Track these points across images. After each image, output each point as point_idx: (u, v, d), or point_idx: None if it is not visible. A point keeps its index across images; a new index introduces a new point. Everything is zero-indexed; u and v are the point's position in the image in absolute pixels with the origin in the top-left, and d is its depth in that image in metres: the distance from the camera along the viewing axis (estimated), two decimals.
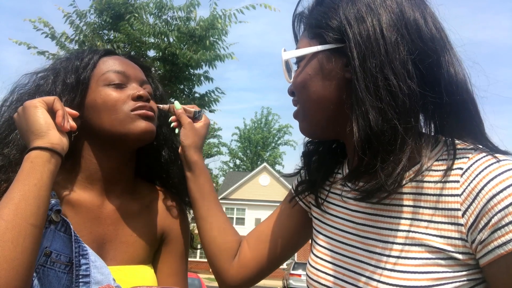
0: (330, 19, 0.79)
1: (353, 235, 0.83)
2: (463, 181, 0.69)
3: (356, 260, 0.80)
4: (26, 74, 1.08)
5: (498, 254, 0.64)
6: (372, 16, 0.74)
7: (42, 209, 0.79)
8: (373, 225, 0.80)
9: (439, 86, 0.73)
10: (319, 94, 0.82)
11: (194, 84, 7.88)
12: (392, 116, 0.70)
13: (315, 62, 0.82)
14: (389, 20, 0.74)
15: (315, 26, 0.82)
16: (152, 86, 1.14)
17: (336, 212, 0.90)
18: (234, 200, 33.11)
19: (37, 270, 0.83)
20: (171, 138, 1.18)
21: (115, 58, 1.07)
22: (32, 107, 0.88)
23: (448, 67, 0.74)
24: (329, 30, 0.79)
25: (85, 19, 7.53)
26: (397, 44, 0.72)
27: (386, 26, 0.73)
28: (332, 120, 0.83)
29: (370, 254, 0.78)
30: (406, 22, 0.73)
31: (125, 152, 1.04)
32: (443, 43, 0.76)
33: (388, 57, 0.72)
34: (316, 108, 0.83)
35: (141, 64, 1.15)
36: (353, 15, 0.76)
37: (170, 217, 1.13)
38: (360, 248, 0.81)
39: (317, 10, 0.84)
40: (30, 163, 0.82)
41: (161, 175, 1.19)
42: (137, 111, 0.99)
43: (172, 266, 1.09)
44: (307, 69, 0.83)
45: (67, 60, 1.06)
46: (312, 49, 0.82)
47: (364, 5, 0.76)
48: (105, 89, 1.00)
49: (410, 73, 0.71)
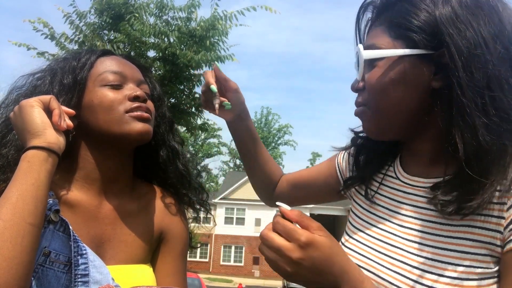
0: (421, 20, 0.74)
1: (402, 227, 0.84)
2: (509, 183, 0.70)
3: (397, 248, 0.82)
4: (22, 75, 1.08)
5: None
6: (475, 23, 0.70)
7: (40, 208, 0.80)
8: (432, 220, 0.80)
9: None
10: (399, 100, 0.78)
11: (194, 84, 7.88)
12: (503, 134, 0.69)
13: (400, 66, 0.76)
14: (493, 29, 0.70)
15: (402, 26, 0.76)
16: (149, 86, 1.14)
17: (386, 204, 0.90)
18: (234, 200, 33.09)
19: (36, 270, 0.84)
20: (169, 138, 1.18)
21: (112, 59, 1.07)
22: (28, 106, 0.87)
23: None
24: (420, 33, 0.74)
25: (85, 19, 7.53)
26: (502, 58, 0.70)
27: (490, 36, 0.70)
28: (406, 126, 0.82)
29: (421, 246, 0.79)
30: (508, 35, 0.71)
31: (122, 152, 1.04)
32: None
33: (495, 71, 0.69)
34: (392, 113, 0.80)
35: (138, 64, 1.15)
36: (453, 19, 0.71)
37: (168, 216, 1.12)
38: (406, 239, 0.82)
39: (403, 7, 0.77)
40: (27, 163, 0.82)
41: (158, 175, 1.19)
42: (133, 113, 0.99)
43: (171, 265, 1.09)
44: (390, 72, 0.77)
45: (64, 61, 1.06)
46: (399, 52, 0.76)
47: (463, 9, 0.71)
48: (101, 89, 1.00)
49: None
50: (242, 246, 34.10)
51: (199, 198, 1.23)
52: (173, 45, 7.47)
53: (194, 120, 8.22)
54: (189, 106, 7.90)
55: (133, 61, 1.13)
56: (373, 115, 0.83)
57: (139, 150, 1.10)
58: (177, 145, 1.20)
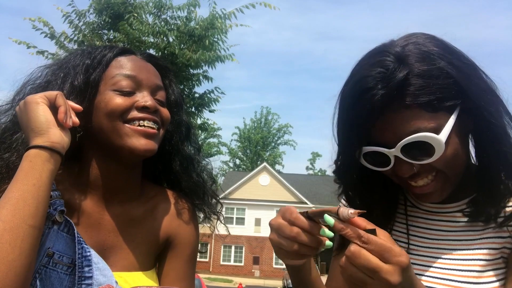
0: (449, 88, 0.78)
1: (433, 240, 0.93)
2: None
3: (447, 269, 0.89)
4: (39, 67, 1.04)
5: None
6: (477, 74, 0.83)
7: (41, 209, 0.77)
8: (453, 238, 0.91)
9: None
10: (466, 157, 0.87)
11: (194, 84, 7.87)
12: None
13: (456, 131, 0.81)
14: (485, 78, 0.85)
15: (438, 100, 0.78)
16: (169, 90, 1.09)
17: (425, 235, 0.96)
18: (234, 200, 33.09)
19: (39, 271, 0.82)
20: (183, 147, 1.13)
21: (129, 60, 1.01)
22: (34, 103, 0.85)
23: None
24: (452, 99, 0.79)
25: (84, 18, 7.52)
26: (494, 92, 0.85)
27: (487, 82, 0.84)
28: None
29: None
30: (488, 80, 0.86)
31: (128, 163, 0.99)
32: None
33: (502, 104, 0.85)
34: (460, 172, 0.87)
35: (160, 65, 1.09)
36: (469, 76, 0.80)
37: (177, 220, 1.08)
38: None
39: (417, 83, 0.78)
40: (29, 162, 0.79)
41: (170, 179, 1.15)
42: (136, 126, 0.94)
43: (178, 271, 1.05)
44: (453, 141, 0.81)
45: (78, 57, 1.00)
46: (451, 122, 0.80)
47: (467, 67, 0.82)
48: (111, 93, 0.95)
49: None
50: (242, 246, 34.10)
51: (211, 209, 1.17)
52: (172, 44, 7.46)
53: (194, 120, 8.21)
54: (189, 106, 7.89)
55: (154, 61, 1.07)
56: (449, 183, 0.86)
57: (150, 158, 1.02)
58: (193, 153, 1.15)
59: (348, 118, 0.84)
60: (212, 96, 7.89)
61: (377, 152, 0.83)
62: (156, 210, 1.07)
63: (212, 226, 1.22)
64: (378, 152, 0.83)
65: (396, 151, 0.80)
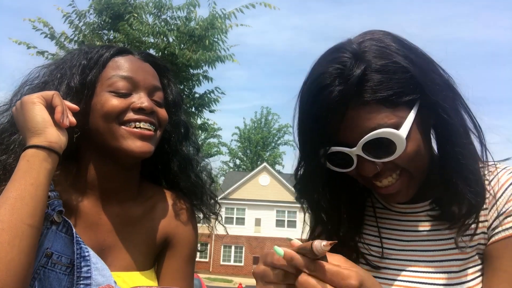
0: (402, 82, 0.77)
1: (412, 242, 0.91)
2: (490, 188, 0.84)
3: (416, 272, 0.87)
4: (37, 66, 1.04)
5: (502, 236, 0.79)
6: (433, 70, 0.83)
7: (39, 209, 0.78)
8: (425, 239, 0.89)
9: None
10: (429, 152, 0.85)
11: (194, 84, 7.86)
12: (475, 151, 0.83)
13: (416, 125, 0.80)
14: (442, 72, 0.85)
15: (396, 95, 0.77)
16: (167, 90, 1.09)
17: (394, 236, 0.94)
18: (234, 200, 33.06)
19: (37, 271, 0.82)
20: (181, 147, 1.12)
21: (127, 60, 1.00)
22: (30, 103, 0.85)
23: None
24: (411, 93, 0.78)
25: (85, 19, 7.52)
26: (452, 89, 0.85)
27: (444, 77, 0.84)
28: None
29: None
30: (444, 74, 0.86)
31: (124, 164, 0.99)
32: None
33: (461, 101, 0.84)
34: (424, 169, 0.85)
35: (158, 64, 1.08)
36: (424, 72, 0.80)
37: (175, 219, 1.08)
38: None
39: (376, 78, 0.77)
40: (27, 162, 0.80)
41: (169, 178, 1.15)
42: (132, 128, 0.93)
43: (177, 271, 1.05)
44: (414, 136, 0.79)
45: (74, 58, 1.00)
46: (411, 118, 0.78)
47: (422, 61, 0.81)
48: (107, 95, 0.95)
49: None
50: (242, 246, 34.08)
51: (210, 209, 1.17)
52: (172, 44, 7.45)
53: (194, 120, 8.20)
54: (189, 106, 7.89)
55: (153, 61, 1.07)
56: (414, 181, 0.84)
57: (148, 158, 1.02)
58: (192, 153, 1.15)
59: (308, 118, 0.82)
60: (212, 96, 7.88)
61: (340, 153, 0.81)
62: (154, 210, 1.07)
63: (211, 227, 1.22)
64: (340, 152, 0.80)
65: (358, 149, 0.78)
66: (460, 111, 0.83)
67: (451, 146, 0.81)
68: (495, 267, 0.78)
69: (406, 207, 0.93)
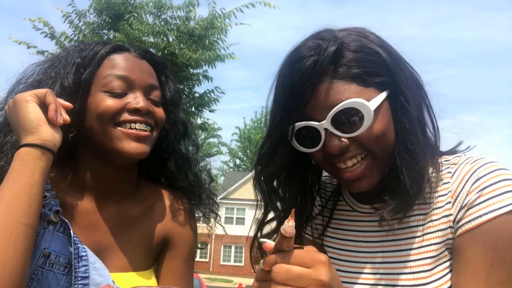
0: (378, 66, 0.82)
1: (370, 243, 0.90)
2: (453, 181, 0.83)
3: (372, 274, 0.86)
4: (32, 64, 1.03)
5: (466, 228, 0.78)
6: (403, 63, 0.87)
7: (34, 207, 0.77)
8: (391, 238, 0.88)
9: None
10: (392, 138, 0.83)
11: (194, 83, 7.86)
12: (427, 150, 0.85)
13: (384, 108, 0.82)
14: (410, 67, 0.88)
15: (368, 75, 0.81)
16: (165, 87, 1.07)
17: (354, 238, 0.94)
18: (234, 200, 33.06)
19: (35, 271, 0.82)
20: (179, 146, 1.12)
21: (123, 58, 0.98)
22: (23, 101, 0.84)
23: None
24: (382, 76, 0.82)
25: (85, 19, 7.52)
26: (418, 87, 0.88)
27: (412, 72, 0.88)
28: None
29: (390, 264, 0.86)
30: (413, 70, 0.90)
31: (121, 165, 0.99)
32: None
33: (424, 99, 0.87)
34: (388, 154, 0.83)
35: (156, 61, 1.06)
36: (396, 61, 0.84)
37: (174, 219, 1.07)
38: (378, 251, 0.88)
39: (350, 57, 0.81)
40: (21, 161, 0.79)
41: (167, 176, 1.14)
42: (127, 129, 0.92)
43: (176, 271, 1.04)
44: (382, 117, 0.81)
45: (69, 56, 0.98)
46: (382, 96, 0.81)
47: (392, 53, 0.85)
48: (101, 95, 0.93)
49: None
50: (242, 246, 34.06)
51: (208, 208, 1.16)
52: (172, 44, 7.45)
53: (194, 120, 8.20)
54: (189, 106, 7.89)
55: (150, 57, 1.05)
56: (378, 165, 0.84)
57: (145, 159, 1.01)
58: (190, 152, 1.14)
59: (282, 87, 0.84)
60: (212, 96, 7.89)
61: (308, 130, 0.82)
62: (153, 210, 1.06)
63: (209, 226, 1.21)
64: (308, 129, 0.82)
65: (327, 122, 0.79)
66: (421, 104, 0.86)
67: (405, 133, 0.82)
68: (461, 260, 0.77)
69: (367, 207, 0.94)
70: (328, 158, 0.84)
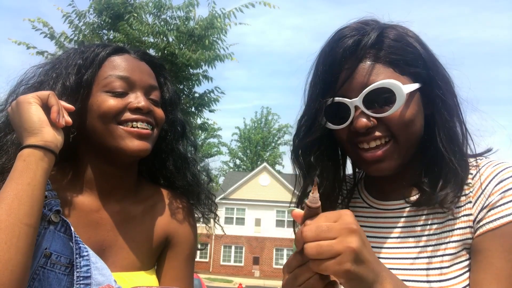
0: (415, 57, 0.85)
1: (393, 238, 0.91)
2: (474, 182, 0.84)
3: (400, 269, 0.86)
4: (33, 66, 1.04)
5: (487, 228, 0.79)
6: (440, 62, 0.89)
7: (36, 208, 0.78)
8: (409, 235, 0.88)
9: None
10: (420, 130, 0.87)
11: (193, 83, 7.86)
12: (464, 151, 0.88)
13: (416, 98, 0.85)
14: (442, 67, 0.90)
15: (405, 63, 0.85)
16: (164, 88, 1.09)
17: (372, 234, 0.94)
18: (234, 200, 33.07)
19: (37, 272, 0.82)
20: (178, 145, 1.13)
21: (123, 59, 1.00)
22: (26, 103, 0.85)
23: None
24: (420, 68, 0.85)
25: (84, 19, 7.52)
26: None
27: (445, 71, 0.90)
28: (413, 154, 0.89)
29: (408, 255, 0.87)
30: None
31: (122, 163, 1.00)
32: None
33: (456, 100, 0.89)
34: (414, 144, 0.87)
35: (155, 63, 1.09)
36: (432, 58, 0.87)
37: (175, 219, 1.08)
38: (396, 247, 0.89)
39: (391, 44, 0.85)
40: (23, 162, 0.80)
41: (166, 177, 1.15)
42: (129, 127, 0.94)
43: (177, 271, 1.05)
44: (413, 105, 0.84)
45: (70, 57, 1.00)
46: (416, 86, 0.85)
47: (429, 51, 0.88)
48: (103, 95, 0.95)
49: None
50: (242, 246, 34.08)
51: (207, 209, 1.17)
52: (172, 44, 7.45)
53: (194, 120, 8.20)
54: (189, 106, 7.89)
55: (149, 59, 1.07)
56: (400, 151, 0.86)
57: (144, 158, 1.03)
58: (189, 152, 1.15)
59: (323, 63, 0.88)
60: (212, 96, 7.88)
61: (339, 107, 0.85)
62: (155, 209, 1.07)
63: (208, 227, 1.22)
64: (339, 105, 0.85)
65: (358, 100, 0.82)
66: (457, 102, 0.89)
67: (446, 123, 0.85)
68: (481, 260, 0.78)
69: (386, 203, 0.94)
70: (353, 137, 0.86)
